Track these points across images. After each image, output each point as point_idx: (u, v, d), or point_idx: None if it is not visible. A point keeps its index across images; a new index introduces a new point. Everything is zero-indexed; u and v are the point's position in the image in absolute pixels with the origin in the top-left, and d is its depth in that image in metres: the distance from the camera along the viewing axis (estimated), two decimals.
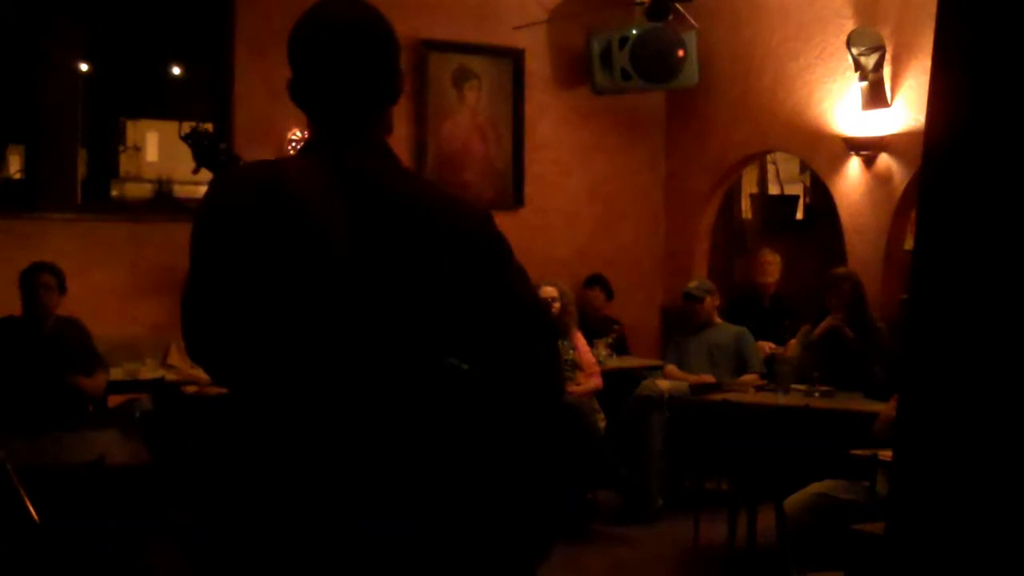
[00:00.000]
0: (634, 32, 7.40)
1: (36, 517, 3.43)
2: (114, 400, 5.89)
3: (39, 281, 5.40)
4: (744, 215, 9.68)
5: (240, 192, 1.85)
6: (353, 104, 1.88)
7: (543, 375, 1.91)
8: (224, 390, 1.95)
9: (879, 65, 6.44)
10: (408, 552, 1.79)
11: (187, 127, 2.13)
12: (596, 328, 7.14)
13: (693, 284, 6.82)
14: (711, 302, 6.61)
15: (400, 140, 7.11)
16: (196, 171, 2.09)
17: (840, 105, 6.84)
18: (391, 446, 1.79)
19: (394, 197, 1.83)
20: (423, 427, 1.82)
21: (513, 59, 7.71)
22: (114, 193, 12.82)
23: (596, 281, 7.59)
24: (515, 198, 7.74)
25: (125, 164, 14.23)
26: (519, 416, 1.88)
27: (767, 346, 6.84)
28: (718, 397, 5.75)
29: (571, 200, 7.97)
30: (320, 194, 1.80)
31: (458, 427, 1.85)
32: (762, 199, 9.89)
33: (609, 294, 7.60)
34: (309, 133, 1.93)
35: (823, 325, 5.78)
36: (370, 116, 1.90)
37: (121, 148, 14.21)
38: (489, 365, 1.90)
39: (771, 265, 7.43)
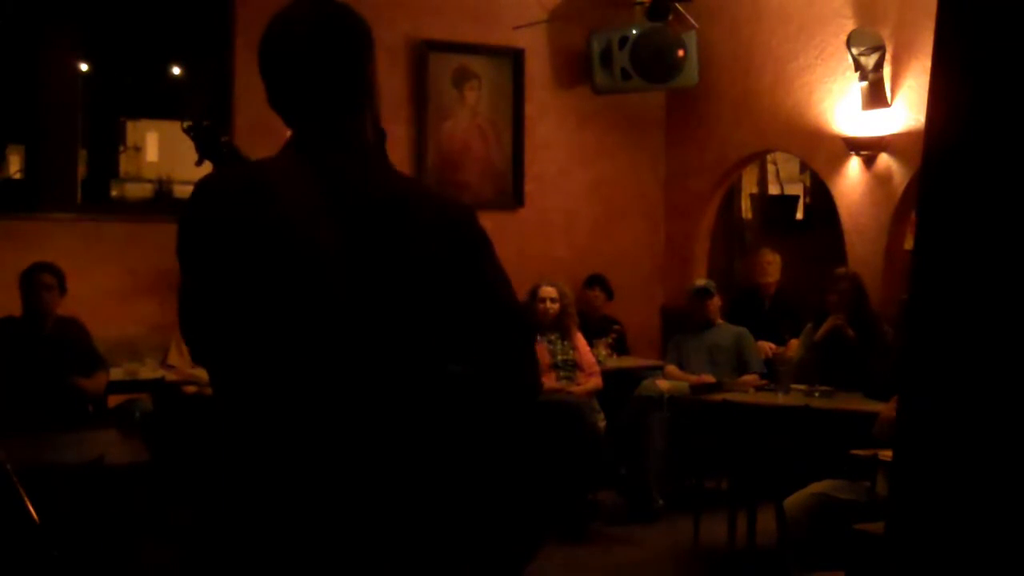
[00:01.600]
0: (634, 32, 7.40)
1: (36, 517, 3.43)
2: (114, 400, 5.89)
3: (40, 281, 5.40)
4: (744, 215, 9.69)
5: (221, 195, 1.84)
6: (323, 107, 1.87)
7: (518, 374, 1.90)
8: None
9: (879, 65, 6.44)
10: (403, 552, 1.80)
11: (188, 121, 2.11)
12: (596, 328, 7.14)
13: (702, 281, 6.85)
14: (716, 301, 6.63)
15: (400, 140, 7.12)
16: (199, 163, 2.08)
17: (840, 105, 6.84)
18: (385, 445, 1.79)
19: (374, 196, 1.83)
20: (414, 426, 1.82)
21: (513, 59, 7.71)
22: (114, 193, 12.83)
23: (596, 281, 7.59)
24: (515, 198, 7.74)
25: (125, 164, 14.25)
26: (495, 415, 1.88)
27: (767, 346, 6.84)
28: (718, 397, 5.75)
29: (571, 200, 7.97)
30: (301, 194, 1.80)
31: (443, 426, 1.85)
32: (762, 199, 9.89)
33: (609, 294, 7.60)
34: (290, 134, 1.92)
35: (826, 325, 5.77)
36: (345, 117, 1.88)
37: (121, 148, 14.23)
38: (467, 363, 1.90)
39: (771, 265, 7.43)
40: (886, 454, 4.04)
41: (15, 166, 10.79)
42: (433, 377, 1.87)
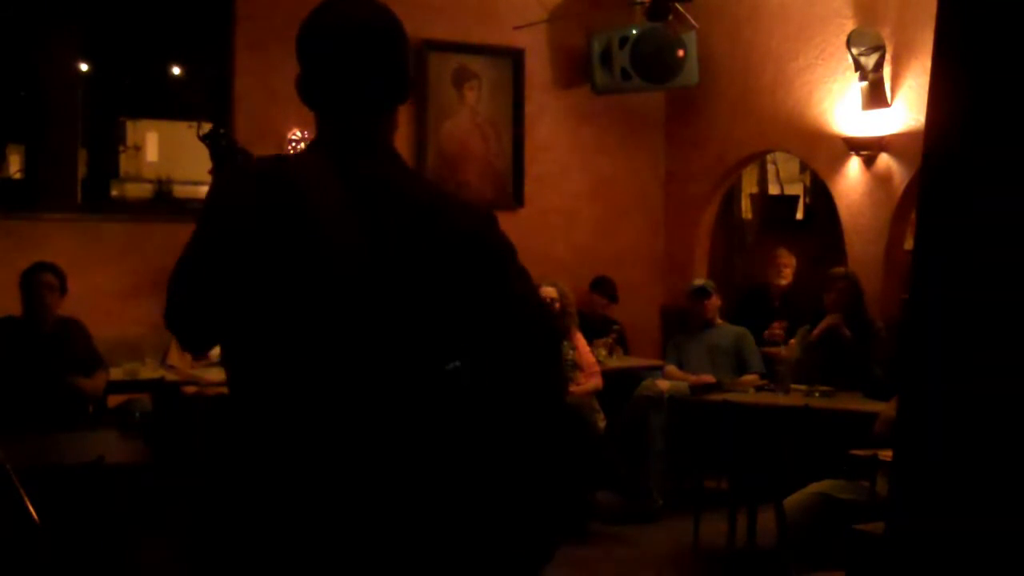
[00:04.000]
0: (634, 32, 7.40)
1: (36, 517, 3.43)
2: (114, 400, 5.88)
3: (41, 280, 5.39)
4: (744, 215, 9.68)
5: (250, 184, 1.84)
6: (362, 104, 1.88)
7: (545, 378, 1.90)
8: (224, 390, 1.94)
9: (879, 65, 6.44)
10: (410, 556, 1.79)
11: (206, 127, 2.09)
12: (596, 328, 7.13)
13: (700, 281, 6.85)
14: (715, 301, 6.63)
15: (400, 140, 7.00)
16: (213, 171, 2.07)
17: (840, 105, 6.84)
18: (394, 448, 1.79)
19: (400, 199, 1.83)
20: (426, 429, 1.81)
21: (513, 59, 7.71)
22: (114, 193, 12.82)
23: (601, 284, 7.56)
24: (515, 198, 7.74)
25: (125, 164, 14.23)
26: (522, 419, 1.87)
27: (775, 331, 6.86)
28: (718, 397, 5.75)
29: (571, 200, 7.97)
30: (327, 193, 1.80)
31: (461, 430, 1.85)
32: (762, 199, 9.89)
33: (612, 298, 7.58)
34: (316, 132, 1.92)
35: (821, 325, 5.78)
36: (378, 117, 1.90)
37: (121, 148, 14.20)
38: (492, 368, 1.89)
39: (787, 268, 7.43)
40: (886, 454, 4.04)
41: (15, 166, 10.78)
42: (446, 380, 1.87)
